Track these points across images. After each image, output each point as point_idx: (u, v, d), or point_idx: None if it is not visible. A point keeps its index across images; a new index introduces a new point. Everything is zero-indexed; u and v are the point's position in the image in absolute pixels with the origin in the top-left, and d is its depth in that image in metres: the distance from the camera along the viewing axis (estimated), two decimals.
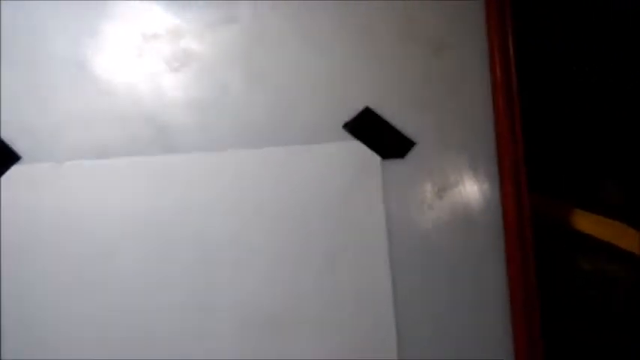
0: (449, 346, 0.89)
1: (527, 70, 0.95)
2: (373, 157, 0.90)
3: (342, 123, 0.91)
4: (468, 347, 0.89)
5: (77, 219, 0.90)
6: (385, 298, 0.89)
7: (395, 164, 0.91)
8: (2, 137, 0.92)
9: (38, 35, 0.93)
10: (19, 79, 0.92)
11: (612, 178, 1.08)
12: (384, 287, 0.89)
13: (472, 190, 0.91)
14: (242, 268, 0.89)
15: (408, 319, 0.89)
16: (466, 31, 0.93)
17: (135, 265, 0.90)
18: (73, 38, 0.93)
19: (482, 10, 0.93)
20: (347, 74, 0.92)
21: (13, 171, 0.91)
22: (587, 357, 1.02)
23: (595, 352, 1.01)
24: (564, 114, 1.09)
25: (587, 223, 1.03)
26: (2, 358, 0.89)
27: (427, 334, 0.89)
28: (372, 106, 0.91)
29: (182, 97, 0.92)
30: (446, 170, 0.91)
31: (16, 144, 0.92)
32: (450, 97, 0.92)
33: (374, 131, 0.91)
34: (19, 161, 0.92)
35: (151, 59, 0.93)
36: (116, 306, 0.89)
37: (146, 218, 0.90)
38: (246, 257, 0.90)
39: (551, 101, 1.07)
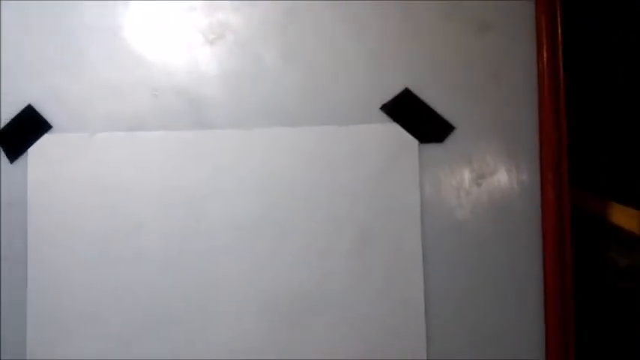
0: (478, 331, 0.87)
1: (575, 56, 0.91)
2: (411, 141, 0.88)
3: (380, 104, 0.89)
4: (497, 335, 0.88)
5: (106, 191, 0.89)
6: (415, 282, 0.87)
7: (433, 148, 0.88)
8: (33, 105, 0.91)
9: (72, 3, 0.91)
10: (51, 48, 0.91)
11: None
12: (415, 271, 0.87)
13: (511, 178, 0.88)
14: (271, 246, 0.88)
15: (438, 304, 0.87)
16: (512, 12, 0.89)
17: (162, 240, 0.89)
18: (107, 7, 0.91)
19: None
20: (385, 54, 0.89)
21: (44, 140, 0.90)
22: (620, 351, 1.00)
23: (628, 346, 0.99)
24: (609, 104, 1.06)
25: (624, 217, 1.00)
26: (27, 326, 0.88)
27: (456, 319, 0.87)
28: (411, 88, 0.88)
29: (216, 70, 0.90)
30: (485, 157, 0.88)
31: (48, 113, 0.91)
32: (493, 81, 0.89)
33: (412, 114, 0.88)
34: (50, 130, 0.91)
35: (186, 31, 0.90)
36: (142, 279, 0.88)
37: (175, 193, 0.89)
38: (275, 236, 0.88)
39: (597, 90, 1.04)
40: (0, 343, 0.89)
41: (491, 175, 0.88)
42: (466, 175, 0.88)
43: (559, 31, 0.87)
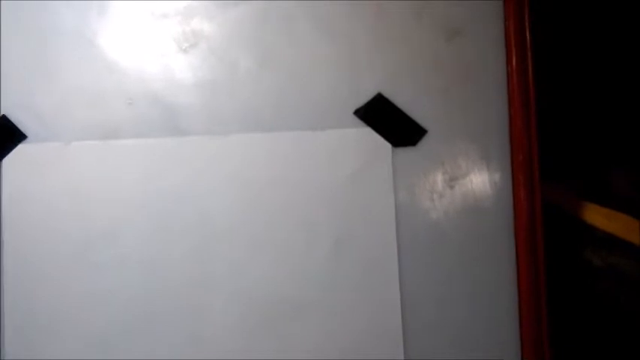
0: (454, 333, 0.88)
1: (543, 58, 0.92)
2: (384, 145, 0.89)
3: (353, 109, 0.90)
4: (473, 336, 0.88)
5: (82, 200, 0.89)
6: (392, 285, 0.88)
7: (406, 152, 0.89)
8: (7, 115, 0.91)
9: (45, 11, 0.91)
10: (24, 56, 0.91)
11: (624, 171, 1.06)
12: (391, 274, 0.88)
13: (484, 180, 0.89)
14: (248, 253, 0.88)
15: (414, 307, 0.88)
16: (482, 17, 0.91)
17: (139, 248, 0.89)
18: (81, 15, 0.91)
19: None
20: (358, 59, 0.90)
21: (19, 150, 0.90)
22: (594, 352, 1.01)
23: (603, 347, 1.00)
24: (579, 104, 1.07)
25: (598, 216, 1.02)
26: (4, 336, 0.88)
27: (433, 321, 0.88)
28: (384, 92, 0.89)
29: (191, 78, 0.91)
30: (457, 159, 0.90)
31: (22, 123, 0.91)
32: (464, 84, 0.90)
33: (385, 118, 0.89)
34: (25, 140, 0.91)
35: (160, 39, 0.91)
36: (119, 287, 0.89)
37: (151, 200, 0.89)
38: (252, 242, 0.89)
39: (566, 91, 1.05)
40: None
41: (464, 177, 0.89)
42: (439, 177, 0.89)
43: (527, 33, 0.89)
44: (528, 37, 0.89)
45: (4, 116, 0.91)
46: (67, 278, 0.89)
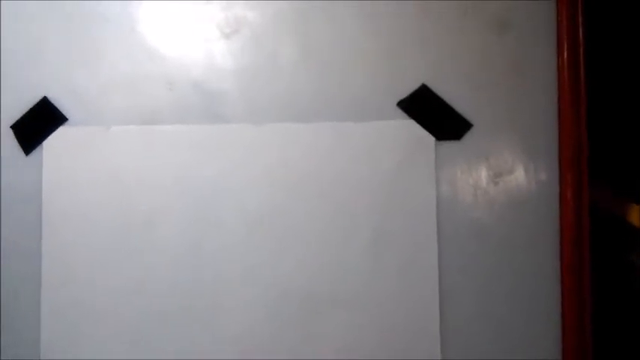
0: (493, 332, 0.86)
1: (596, 54, 0.89)
2: (427, 138, 0.87)
3: (397, 100, 0.88)
4: (514, 336, 0.86)
5: (120, 184, 0.89)
6: (431, 281, 0.86)
7: (450, 146, 0.87)
8: (49, 98, 0.91)
9: None
10: (67, 40, 0.91)
11: None
12: (431, 270, 0.86)
13: (529, 177, 0.87)
14: (284, 244, 0.87)
15: (453, 304, 0.86)
16: (532, 8, 0.88)
17: (175, 234, 0.89)
18: (123, 0, 0.90)
19: None
20: (403, 50, 0.88)
21: (60, 133, 0.91)
22: (637, 353, 0.99)
23: None
24: (632, 104, 1.04)
25: None
26: (42, 319, 0.89)
27: (471, 320, 0.86)
28: (428, 84, 0.87)
29: (232, 64, 0.89)
30: (503, 155, 0.87)
31: (63, 106, 0.91)
32: (512, 78, 0.87)
33: (429, 110, 0.87)
34: (66, 123, 0.91)
35: (202, 25, 0.90)
36: (155, 272, 0.88)
37: (189, 188, 0.89)
38: (289, 232, 0.87)
39: (620, 89, 1.02)
40: (14, 335, 0.89)
41: (509, 174, 0.87)
42: (483, 173, 0.87)
43: (580, 29, 0.86)
44: (581, 33, 0.86)
45: (45, 98, 0.91)
46: (104, 264, 0.89)
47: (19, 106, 0.91)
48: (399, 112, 0.88)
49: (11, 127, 0.91)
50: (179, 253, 0.88)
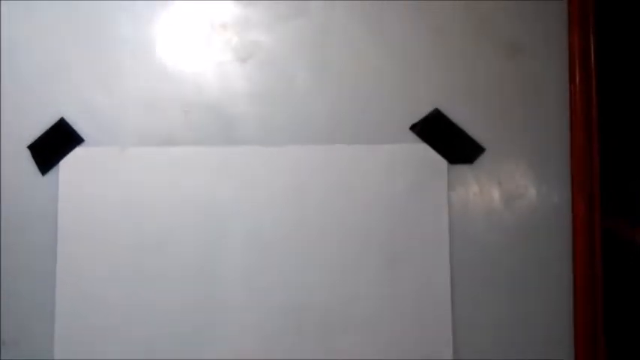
0: (505, 356, 0.86)
1: (608, 78, 0.90)
2: (440, 161, 0.88)
3: (410, 124, 0.89)
4: (526, 357, 0.86)
5: (136, 204, 0.90)
6: (443, 303, 0.86)
7: (462, 169, 0.88)
8: (66, 118, 0.92)
9: (105, 18, 0.92)
10: (85, 61, 0.92)
11: None
12: (443, 292, 0.86)
13: (541, 200, 0.87)
14: (298, 264, 0.88)
15: (466, 329, 0.86)
16: (544, 33, 0.89)
17: (189, 258, 0.89)
18: (140, 23, 0.92)
19: (562, 12, 0.88)
20: (416, 74, 0.89)
21: (76, 153, 0.92)
22: None
23: None
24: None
25: None
26: (56, 335, 0.89)
27: (484, 341, 0.86)
28: (441, 109, 0.88)
29: (247, 88, 0.91)
30: (515, 179, 0.88)
31: (80, 126, 0.92)
32: (524, 102, 0.88)
33: (442, 134, 0.88)
34: (82, 144, 0.92)
35: (218, 48, 0.91)
36: (167, 293, 0.89)
37: (203, 208, 0.89)
38: (302, 254, 0.88)
39: (633, 113, 1.02)
40: (29, 352, 0.90)
41: (521, 198, 0.88)
42: (496, 196, 0.88)
43: (592, 53, 0.86)
44: (593, 56, 0.87)
45: (62, 119, 0.92)
46: (117, 283, 0.90)
47: (36, 126, 0.93)
48: (412, 135, 0.88)
49: (28, 147, 0.92)
50: (191, 273, 0.89)
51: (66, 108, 0.92)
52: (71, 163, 0.92)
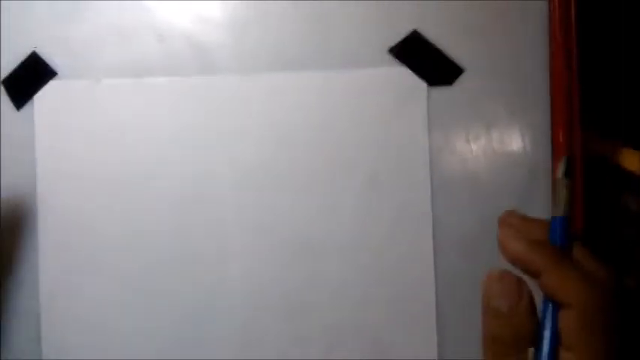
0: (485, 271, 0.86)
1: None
2: (419, 84, 0.87)
3: (387, 47, 0.87)
4: None
5: (114, 138, 0.90)
6: (424, 230, 0.87)
7: (441, 92, 0.87)
8: (37, 52, 0.90)
9: None
10: None
11: None
12: (424, 218, 0.87)
13: (520, 122, 0.87)
14: (276, 192, 0.88)
15: (446, 251, 0.87)
16: None
17: (170, 188, 0.89)
18: None
19: None
20: None
21: (50, 86, 0.90)
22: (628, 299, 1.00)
23: (636, 294, 0.99)
24: (623, 43, 1.03)
25: (636, 161, 0.99)
26: (40, 272, 0.90)
27: (465, 267, 0.87)
28: (419, 29, 0.87)
29: (221, 15, 0.89)
30: (495, 101, 0.87)
31: (52, 60, 0.90)
32: (503, 20, 0.86)
33: (421, 56, 0.86)
34: (55, 77, 0.90)
35: None
36: (154, 223, 0.89)
37: (180, 141, 0.89)
38: (280, 182, 0.88)
39: (610, 29, 1.01)
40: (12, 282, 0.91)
41: (501, 119, 0.87)
42: (476, 119, 0.87)
43: None
44: None
45: (34, 53, 0.90)
46: (102, 218, 0.90)
47: (8, 61, 0.91)
48: (390, 58, 0.87)
49: (2, 82, 0.91)
50: (175, 202, 0.89)
51: (37, 42, 0.91)
52: (46, 96, 0.90)
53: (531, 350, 0.55)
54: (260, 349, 0.88)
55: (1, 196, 0.90)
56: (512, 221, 0.63)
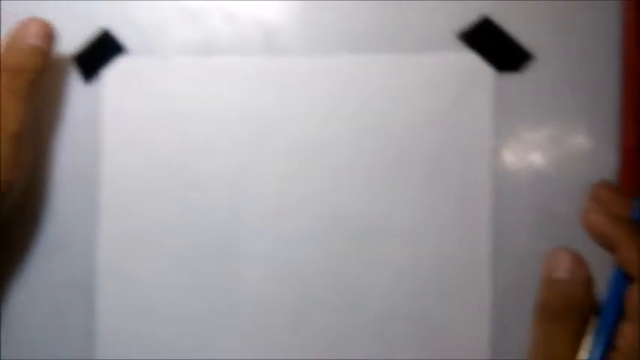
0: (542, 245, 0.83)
1: None
2: (486, 69, 0.85)
3: (455, 31, 0.86)
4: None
5: (179, 114, 0.91)
6: (484, 218, 0.85)
7: (509, 79, 0.85)
8: (107, 28, 0.92)
9: None
10: None
11: None
12: (485, 206, 0.85)
13: (591, 117, 0.84)
14: (338, 173, 0.87)
15: (504, 242, 0.85)
16: None
17: (231, 167, 0.90)
18: None
19: None
20: None
21: (117, 63, 0.92)
22: None
23: None
24: None
25: None
26: (98, 245, 0.91)
27: (524, 257, 0.84)
28: (488, 14, 0.85)
29: None
30: (564, 91, 0.84)
31: (122, 37, 0.92)
32: (576, 11, 0.84)
33: (490, 42, 0.85)
34: (124, 54, 0.92)
35: None
36: (212, 202, 0.90)
37: (245, 118, 0.89)
38: (341, 167, 0.88)
39: None
40: (69, 261, 0.92)
41: (569, 112, 0.84)
42: (543, 107, 0.85)
43: None
44: None
45: (104, 30, 0.93)
46: (161, 193, 0.91)
47: (79, 37, 0.93)
48: (458, 43, 0.86)
49: (74, 58, 0.93)
50: (236, 182, 0.89)
51: (108, 19, 0.93)
52: (114, 73, 0.92)
53: (595, 319, 0.58)
54: (312, 338, 0.87)
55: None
56: (601, 193, 0.66)
